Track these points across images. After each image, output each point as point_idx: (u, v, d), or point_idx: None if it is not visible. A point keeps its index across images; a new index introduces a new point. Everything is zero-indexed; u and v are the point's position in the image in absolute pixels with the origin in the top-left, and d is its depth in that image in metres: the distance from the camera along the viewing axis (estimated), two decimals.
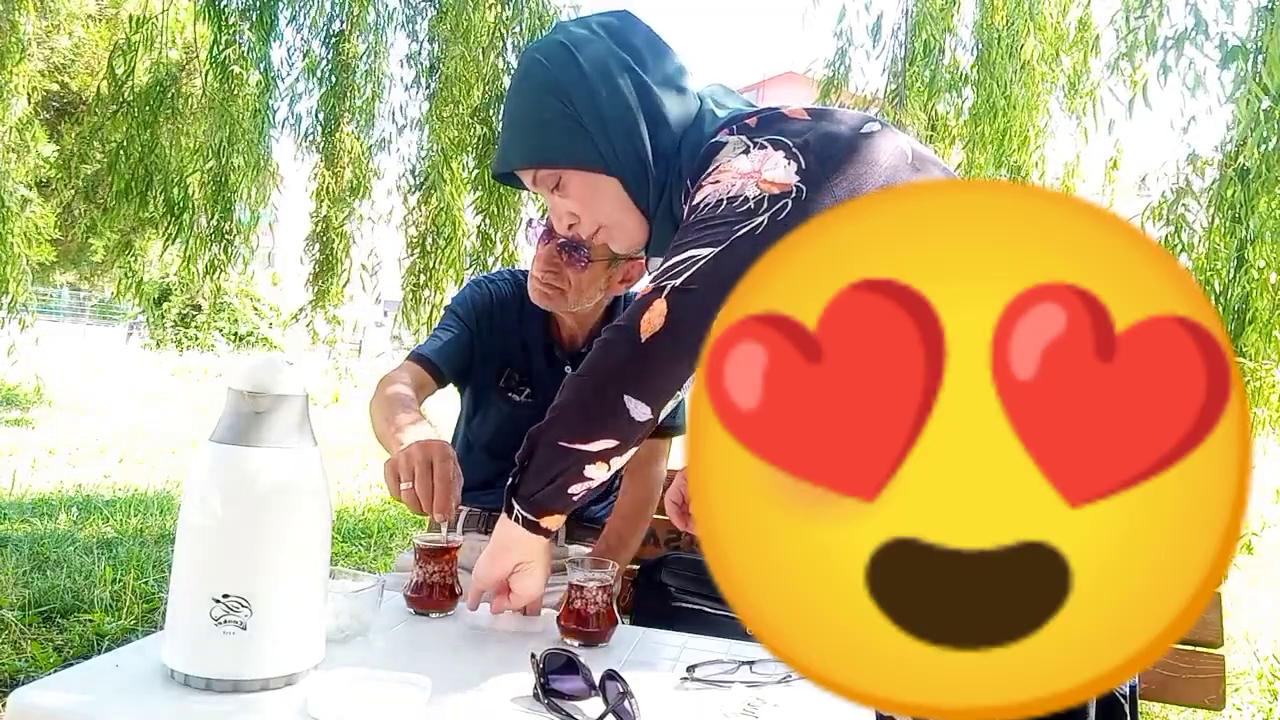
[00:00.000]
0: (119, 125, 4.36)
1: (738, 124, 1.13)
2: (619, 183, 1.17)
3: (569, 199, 1.20)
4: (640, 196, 1.18)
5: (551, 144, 1.17)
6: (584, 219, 1.22)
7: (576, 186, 1.19)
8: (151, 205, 4.42)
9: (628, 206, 1.19)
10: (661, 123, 1.16)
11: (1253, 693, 3.07)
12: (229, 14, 4.26)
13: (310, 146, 4.75)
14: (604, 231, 1.23)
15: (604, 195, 1.19)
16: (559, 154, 1.17)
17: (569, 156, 1.17)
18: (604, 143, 1.15)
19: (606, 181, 1.17)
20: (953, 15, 4.18)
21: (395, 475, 1.23)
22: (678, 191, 1.16)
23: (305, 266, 4.97)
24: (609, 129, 1.14)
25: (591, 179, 1.18)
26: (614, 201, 1.19)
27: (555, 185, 1.20)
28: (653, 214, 1.19)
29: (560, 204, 1.22)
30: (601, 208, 1.20)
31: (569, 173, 1.18)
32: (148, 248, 5.45)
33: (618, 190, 1.18)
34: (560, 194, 1.20)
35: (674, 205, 1.17)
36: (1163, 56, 3.27)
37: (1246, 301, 3.19)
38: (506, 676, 1.04)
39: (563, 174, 1.18)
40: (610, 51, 1.16)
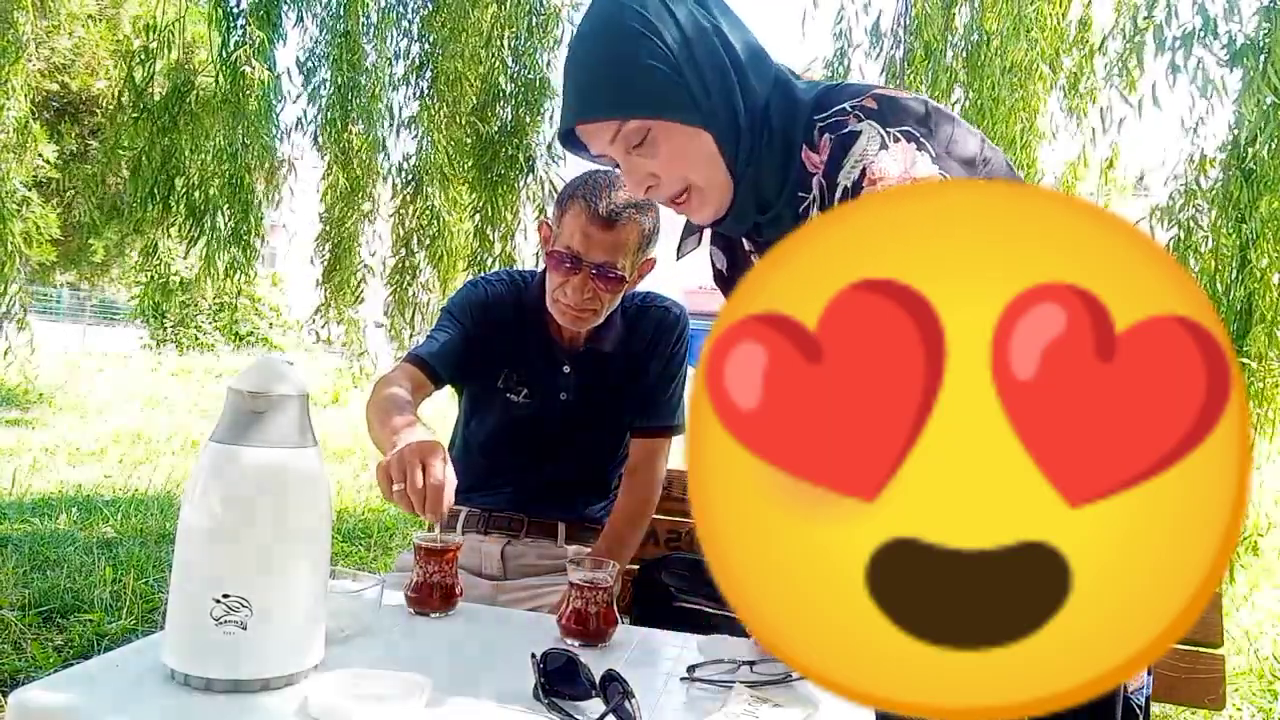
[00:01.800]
0: (141, 131, 4.37)
1: (851, 101, 1.05)
2: (713, 139, 1.08)
3: (654, 158, 1.09)
4: (729, 155, 1.09)
5: (646, 93, 1.05)
6: (667, 179, 1.11)
7: (670, 143, 1.08)
8: (174, 210, 4.43)
9: (721, 166, 1.09)
10: (747, 81, 1.08)
11: (1253, 693, 3.07)
12: (237, 15, 4.27)
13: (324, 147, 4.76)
14: (694, 194, 1.12)
15: (697, 153, 1.09)
16: (654, 104, 1.05)
17: (666, 107, 1.05)
18: (701, 94, 1.05)
19: (701, 138, 1.07)
20: (954, 15, 4.17)
21: (388, 477, 1.23)
22: (769, 157, 1.09)
23: (315, 268, 4.97)
24: (707, 80, 1.05)
25: (686, 134, 1.07)
26: (707, 160, 1.09)
27: (639, 142, 1.08)
28: (738, 178, 1.10)
29: (640, 164, 1.10)
30: (695, 166, 1.09)
31: (661, 126, 1.07)
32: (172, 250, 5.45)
33: (711, 148, 1.08)
34: (642, 152, 1.09)
35: (761, 172, 1.10)
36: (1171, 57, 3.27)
37: (1250, 301, 3.18)
38: (506, 676, 1.04)
39: (653, 127, 1.07)
40: (695, 5, 1.07)
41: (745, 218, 1.16)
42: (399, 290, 4.48)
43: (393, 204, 4.77)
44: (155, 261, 5.21)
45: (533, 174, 4.50)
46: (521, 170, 4.47)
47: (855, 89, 1.08)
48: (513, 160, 4.44)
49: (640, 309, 1.75)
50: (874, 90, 1.06)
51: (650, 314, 1.75)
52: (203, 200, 4.41)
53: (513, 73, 4.53)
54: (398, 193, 4.74)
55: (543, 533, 1.70)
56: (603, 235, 1.53)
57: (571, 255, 1.54)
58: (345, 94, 4.59)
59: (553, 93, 4.46)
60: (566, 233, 1.56)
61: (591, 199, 1.54)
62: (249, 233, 4.52)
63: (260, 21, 4.23)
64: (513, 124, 4.48)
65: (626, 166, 1.11)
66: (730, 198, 1.12)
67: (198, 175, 4.43)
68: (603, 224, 1.52)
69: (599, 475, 1.77)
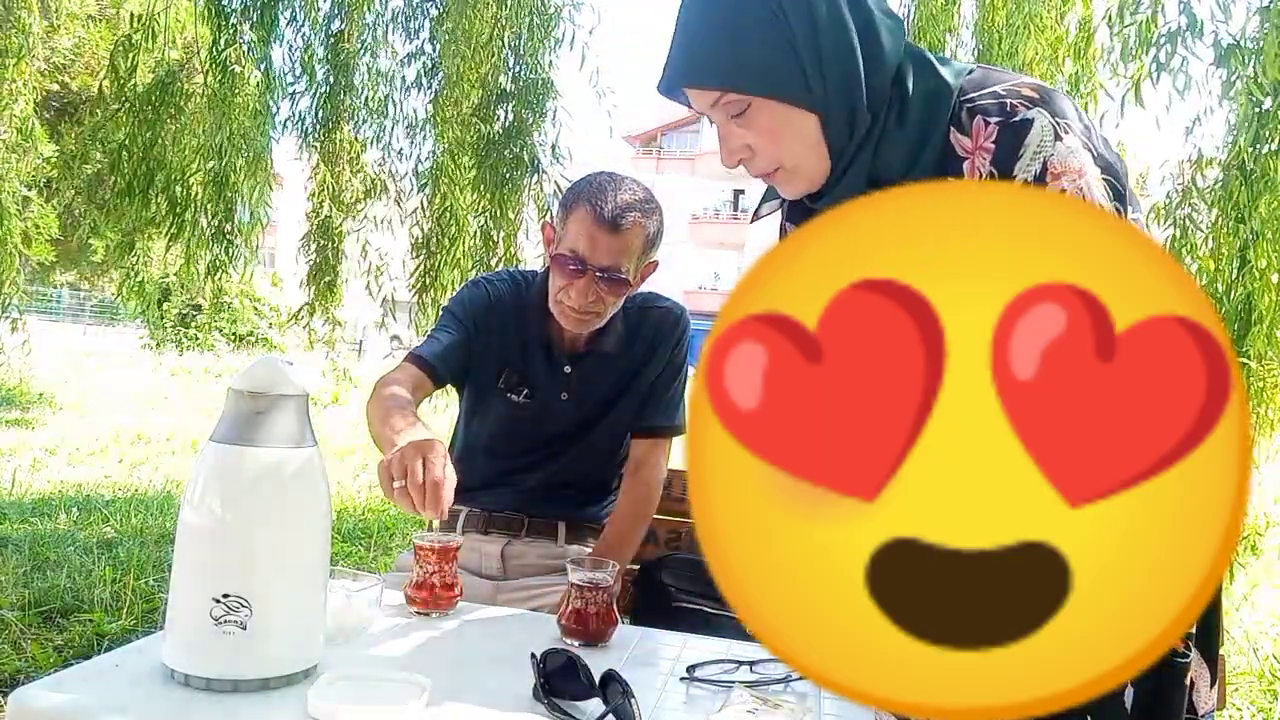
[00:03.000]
0: (121, 124, 4.35)
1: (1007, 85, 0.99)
2: (817, 121, 1.02)
3: (751, 131, 1.04)
4: (836, 138, 1.03)
5: (754, 67, 0.99)
6: (762, 156, 1.06)
7: (767, 119, 1.02)
8: (154, 205, 4.41)
9: (818, 149, 1.04)
10: (878, 59, 1.01)
11: (1253, 693, 3.07)
12: (230, 14, 4.26)
13: (312, 147, 4.75)
14: (782, 174, 1.07)
15: (795, 133, 1.03)
16: (760, 80, 1.00)
17: (772, 85, 1.00)
18: (815, 76, 0.99)
19: (804, 118, 1.02)
20: (954, 15, 4.17)
21: (388, 475, 1.23)
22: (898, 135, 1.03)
23: (301, 266, 4.96)
24: (824, 62, 0.99)
25: (788, 114, 1.01)
26: (805, 142, 1.03)
27: (739, 113, 1.03)
28: (845, 160, 1.04)
29: (736, 134, 1.05)
30: (790, 147, 1.04)
31: (763, 102, 1.01)
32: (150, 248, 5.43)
33: (813, 129, 1.03)
34: (741, 123, 1.03)
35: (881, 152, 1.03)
36: (1154, 53, 3.26)
37: (1249, 302, 3.18)
38: (506, 676, 1.04)
39: (753, 102, 1.01)
40: None
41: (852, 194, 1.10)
42: (420, 293, 4.46)
43: (407, 206, 4.76)
44: (132, 259, 5.17)
45: (536, 174, 4.49)
46: (525, 170, 4.47)
47: (1005, 76, 1.03)
48: (516, 160, 4.44)
49: (641, 310, 1.75)
50: (1026, 80, 1.01)
51: (651, 315, 1.75)
52: (184, 196, 4.40)
53: (514, 73, 4.53)
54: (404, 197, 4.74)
55: (543, 533, 1.70)
56: (608, 239, 1.53)
57: (576, 259, 1.54)
58: (335, 94, 4.58)
59: (555, 93, 4.46)
60: (571, 236, 1.55)
61: (597, 202, 1.53)
62: (233, 232, 4.52)
63: (253, 20, 4.23)
64: (515, 124, 4.48)
65: (723, 133, 1.06)
66: (824, 178, 1.07)
67: (180, 170, 4.41)
68: (608, 228, 1.52)
69: (599, 475, 1.77)
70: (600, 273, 1.54)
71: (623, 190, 1.56)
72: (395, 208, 4.84)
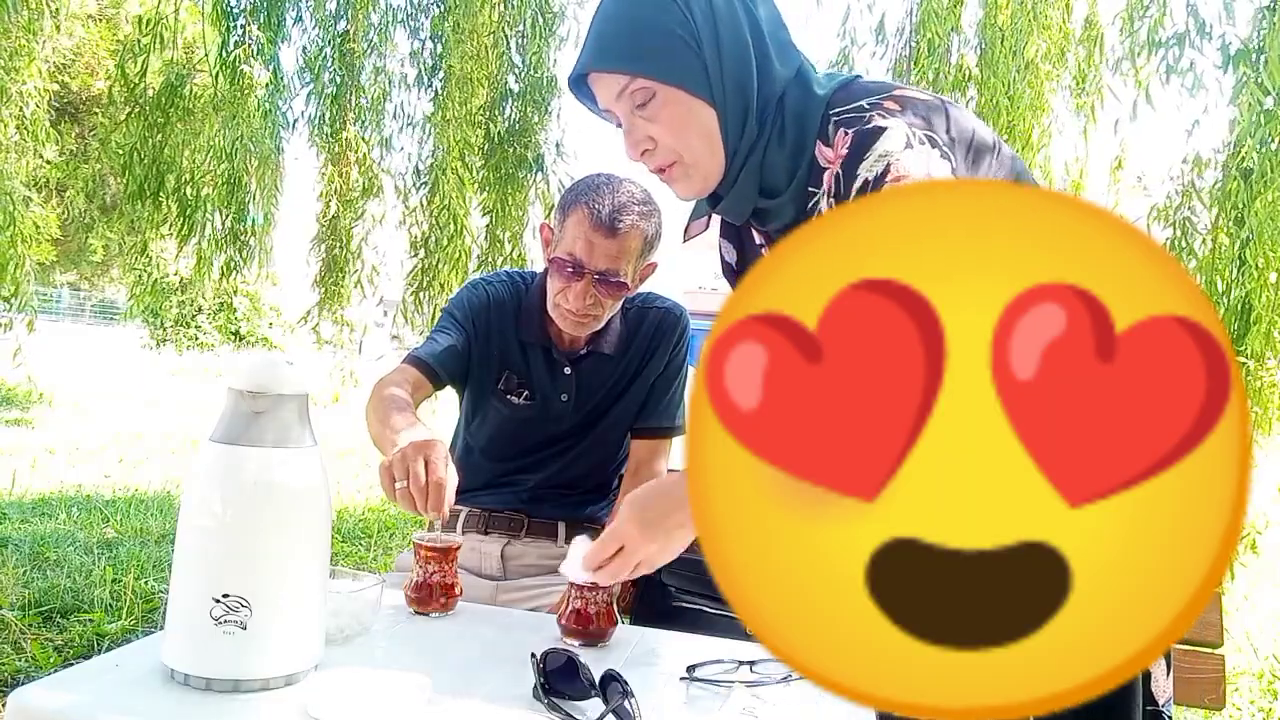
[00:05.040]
0: (132, 127, 4.35)
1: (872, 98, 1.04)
2: (716, 117, 1.08)
3: (655, 122, 1.08)
4: (731, 139, 1.09)
5: (661, 55, 1.05)
6: (663, 146, 1.10)
7: (671, 109, 1.07)
8: (164, 208, 4.41)
9: (715, 146, 1.09)
10: (768, 70, 1.08)
11: (1253, 693, 3.07)
12: (238, 14, 4.26)
13: (321, 147, 4.74)
14: (679, 168, 1.12)
15: (696, 126, 1.08)
16: (667, 68, 1.05)
17: (677, 74, 1.05)
18: (715, 71, 1.05)
19: (705, 112, 1.07)
20: (959, 13, 4.17)
21: (390, 475, 1.23)
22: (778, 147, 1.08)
23: (311, 267, 4.95)
24: (724, 59, 1.05)
25: (690, 104, 1.07)
26: (704, 137, 1.09)
27: (644, 103, 1.08)
28: (737, 164, 1.10)
29: (641, 126, 1.10)
30: (689, 140, 1.09)
31: (667, 91, 1.06)
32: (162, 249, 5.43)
33: (712, 125, 1.08)
34: (645, 113, 1.08)
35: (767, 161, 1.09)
36: (1163, 55, 3.27)
37: (1248, 301, 3.19)
38: (506, 676, 1.04)
39: (659, 91, 1.07)
40: None
41: (745, 202, 1.14)
42: (417, 292, 4.46)
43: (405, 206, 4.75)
44: (145, 260, 5.18)
45: (541, 172, 4.49)
46: (530, 169, 4.47)
47: (875, 86, 1.07)
48: (521, 160, 4.44)
49: (640, 310, 1.75)
50: (895, 91, 1.05)
51: (650, 315, 1.75)
52: (194, 197, 4.40)
53: (520, 72, 4.53)
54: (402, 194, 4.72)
55: (543, 533, 1.70)
56: (606, 242, 1.52)
57: (574, 261, 1.54)
58: (343, 94, 4.58)
59: (560, 92, 4.46)
60: (569, 238, 1.55)
61: (594, 204, 1.53)
62: (246, 233, 4.52)
63: (261, 21, 4.23)
64: (520, 123, 4.48)
65: (628, 125, 1.11)
66: (715, 181, 1.12)
67: (190, 172, 4.42)
68: (606, 231, 1.52)
69: (600, 476, 1.77)
70: (598, 275, 1.54)
71: (620, 192, 1.55)
72: (401, 206, 4.82)
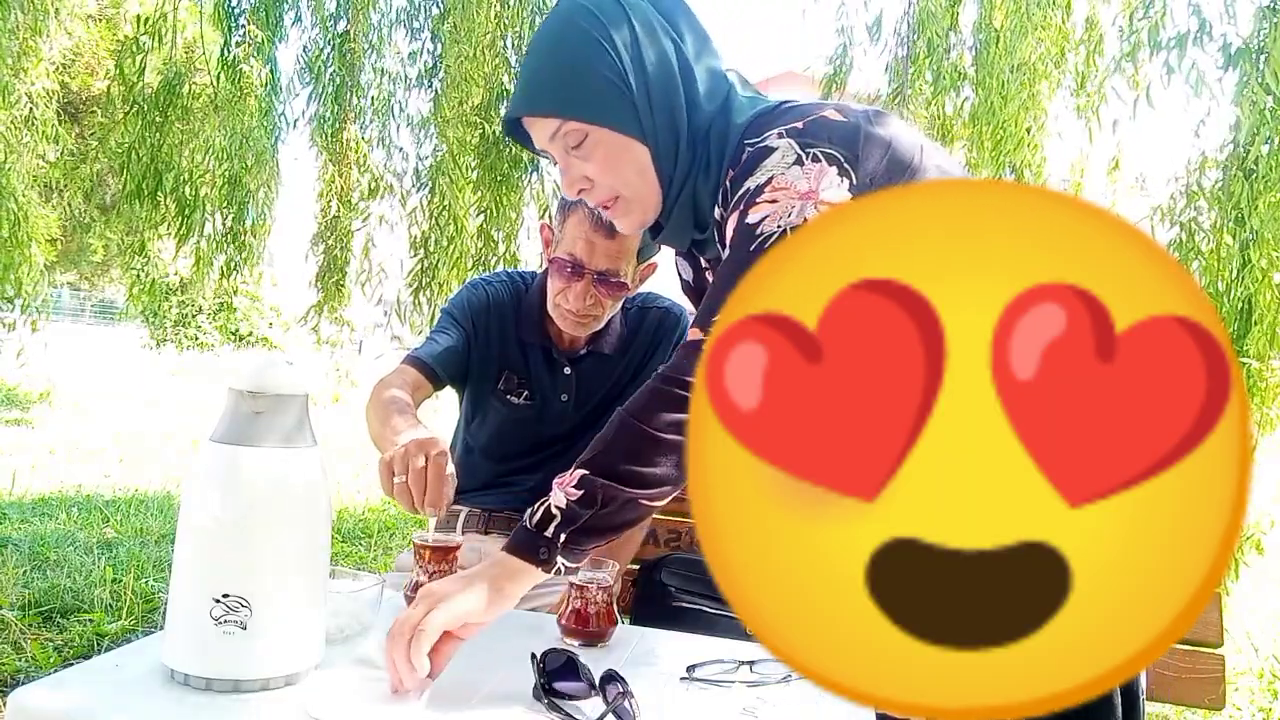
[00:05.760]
0: (130, 126, 4.34)
1: (783, 124, 1.05)
2: (649, 153, 1.11)
3: (590, 161, 1.11)
4: (664, 171, 1.12)
5: (590, 98, 1.08)
6: (600, 184, 1.13)
7: (604, 149, 1.10)
8: (162, 206, 4.41)
9: (650, 180, 1.12)
10: (696, 101, 1.11)
11: (1253, 693, 3.07)
12: (238, 14, 4.26)
13: (321, 147, 4.73)
14: (621, 203, 1.15)
15: (630, 163, 1.11)
16: (596, 110, 1.08)
17: (606, 115, 1.08)
18: (644, 108, 1.08)
19: (637, 149, 1.10)
20: (957, 13, 4.17)
21: (389, 471, 1.23)
22: (704, 179, 1.11)
23: (310, 266, 4.94)
24: (653, 95, 1.08)
25: (622, 143, 1.10)
26: (639, 173, 1.12)
27: (578, 144, 1.10)
28: (672, 195, 1.13)
29: (577, 166, 1.12)
30: (625, 176, 1.12)
31: (599, 132, 1.09)
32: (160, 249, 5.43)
33: (646, 161, 1.11)
34: (579, 154, 1.11)
35: (697, 193, 1.12)
36: (1165, 56, 3.27)
37: (1250, 301, 3.19)
38: (506, 676, 1.04)
39: (591, 132, 1.09)
40: (654, 16, 1.10)
41: (683, 234, 1.18)
42: (417, 292, 4.45)
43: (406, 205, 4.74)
44: (143, 260, 5.17)
45: (536, 172, 4.49)
46: (525, 169, 4.46)
47: (798, 111, 1.08)
48: (516, 160, 4.43)
49: (640, 310, 1.75)
50: (815, 114, 1.06)
51: (650, 315, 1.75)
52: (193, 197, 4.39)
53: (516, 72, 4.53)
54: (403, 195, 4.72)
55: None
56: (606, 242, 1.52)
57: (574, 262, 1.54)
58: (343, 94, 4.58)
59: None
60: (569, 238, 1.55)
61: None
62: (246, 233, 4.51)
63: (261, 21, 4.22)
64: None
65: (563, 165, 1.14)
66: (655, 213, 1.16)
67: (188, 172, 4.41)
68: (606, 231, 1.52)
69: None
70: (598, 276, 1.54)
71: None
72: (400, 206, 4.82)
